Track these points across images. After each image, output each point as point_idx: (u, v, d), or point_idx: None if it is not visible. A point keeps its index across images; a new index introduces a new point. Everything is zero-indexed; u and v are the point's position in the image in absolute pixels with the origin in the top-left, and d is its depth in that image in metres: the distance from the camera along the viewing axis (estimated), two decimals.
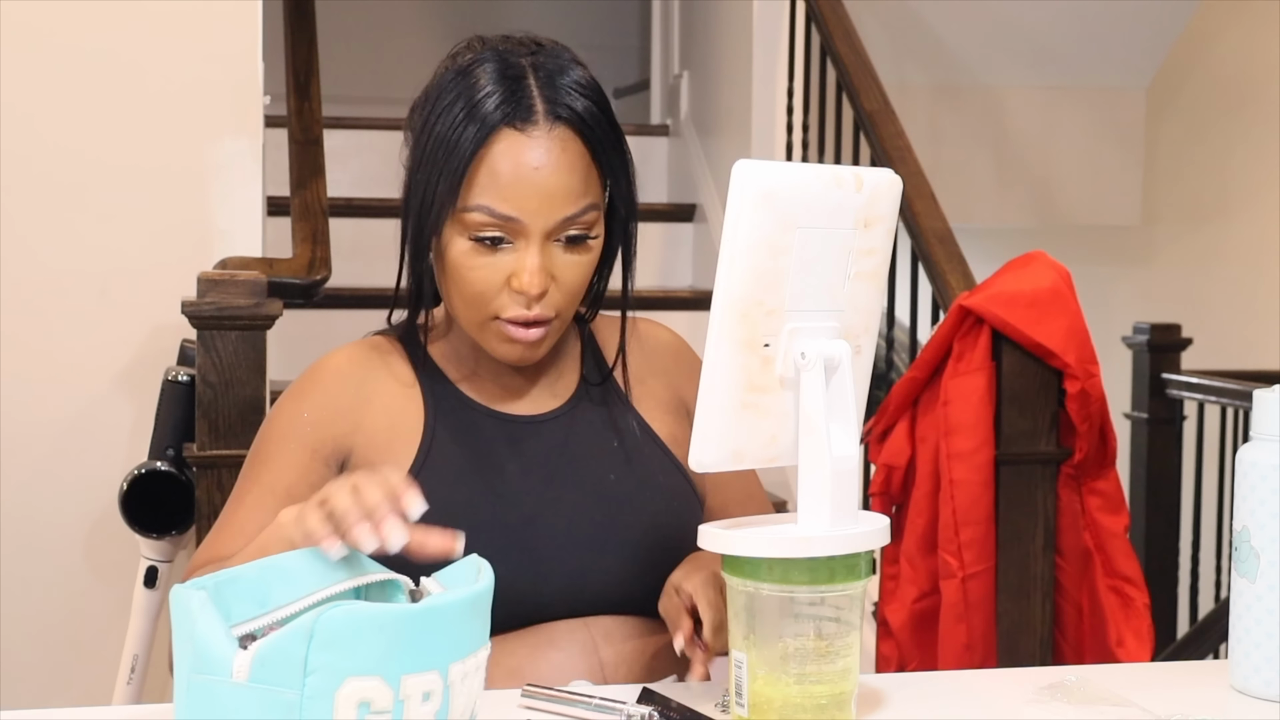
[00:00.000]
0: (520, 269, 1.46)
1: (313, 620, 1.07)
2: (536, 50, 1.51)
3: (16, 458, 2.83)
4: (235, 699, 1.08)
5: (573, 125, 1.47)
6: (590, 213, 1.49)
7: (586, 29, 6.27)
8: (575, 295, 1.51)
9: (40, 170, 2.85)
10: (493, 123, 1.44)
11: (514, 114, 1.45)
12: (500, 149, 1.44)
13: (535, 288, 1.45)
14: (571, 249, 1.48)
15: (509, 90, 1.46)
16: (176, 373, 2.51)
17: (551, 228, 1.46)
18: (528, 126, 1.45)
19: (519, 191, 1.44)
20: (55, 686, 2.85)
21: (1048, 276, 2.46)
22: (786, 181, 1.21)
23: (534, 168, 1.44)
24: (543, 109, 1.46)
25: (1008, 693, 1.39)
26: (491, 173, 1.44)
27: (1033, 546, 2.52)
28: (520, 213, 1.44)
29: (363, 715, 1.08)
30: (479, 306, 1.48)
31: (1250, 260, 5.25)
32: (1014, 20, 4.80)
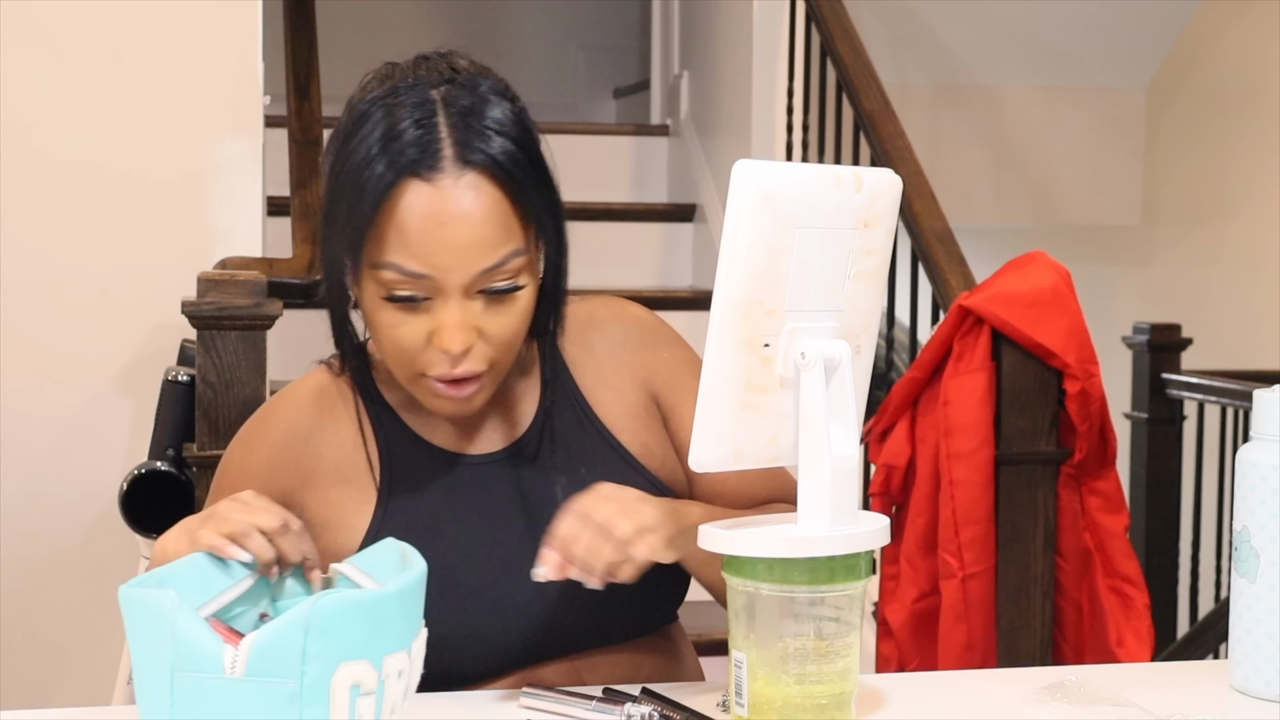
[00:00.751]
0: (439, 327, 1.35)
1: (308, 610, 1.09)
2: (451, 79, 1.37)
3: (16, 457, 2.83)
4: (231, 694, 1.08)
5: (485, 169, 1.33)
6: (513, 260, 1.35)
7: (586, 29, 6.28)
8: (509, 345, 1.40)
9: (40, 170, 2.85)
10: (395, 173, 1.31)
11: (419, 161, 1.31)
12: (406, 202, 1.31)
13: (457, 346, 1.35)
14: (497, 301, 1.36)
15: (415, 133, 1.32)
16: (176, 373, 2.51)
17: (469, 282, 1.34)
18: (434, 175, 1.32)
19: (428, 248, 1.31)
20: (55, 686, 2.85)
21: (1048, 276, 2.46)
22: (786, 181, 1.21)
23: (441, 223, 1.31)
24: (451, 154, 1.32)
25: (1008, 693, 1.39)
26: (399, 228, 1.32)
27: (1033, 546, 2.52)
28: (432, 270, 1.32)
29: (354, 698, 1.11)
30: (404, 364, 1.39)
31: (1250, 260, 5.25)
32: (1014, 20, 4.80)
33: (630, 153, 4.98)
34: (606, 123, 5.83)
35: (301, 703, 1.08)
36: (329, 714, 1.09)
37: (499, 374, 1.42)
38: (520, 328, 1.40)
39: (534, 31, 6.20)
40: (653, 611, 1.51)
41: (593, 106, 6.21)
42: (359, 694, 1.11)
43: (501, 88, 1.40)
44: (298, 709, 1.08)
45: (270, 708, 1.08)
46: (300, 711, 1.08)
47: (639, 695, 1.33)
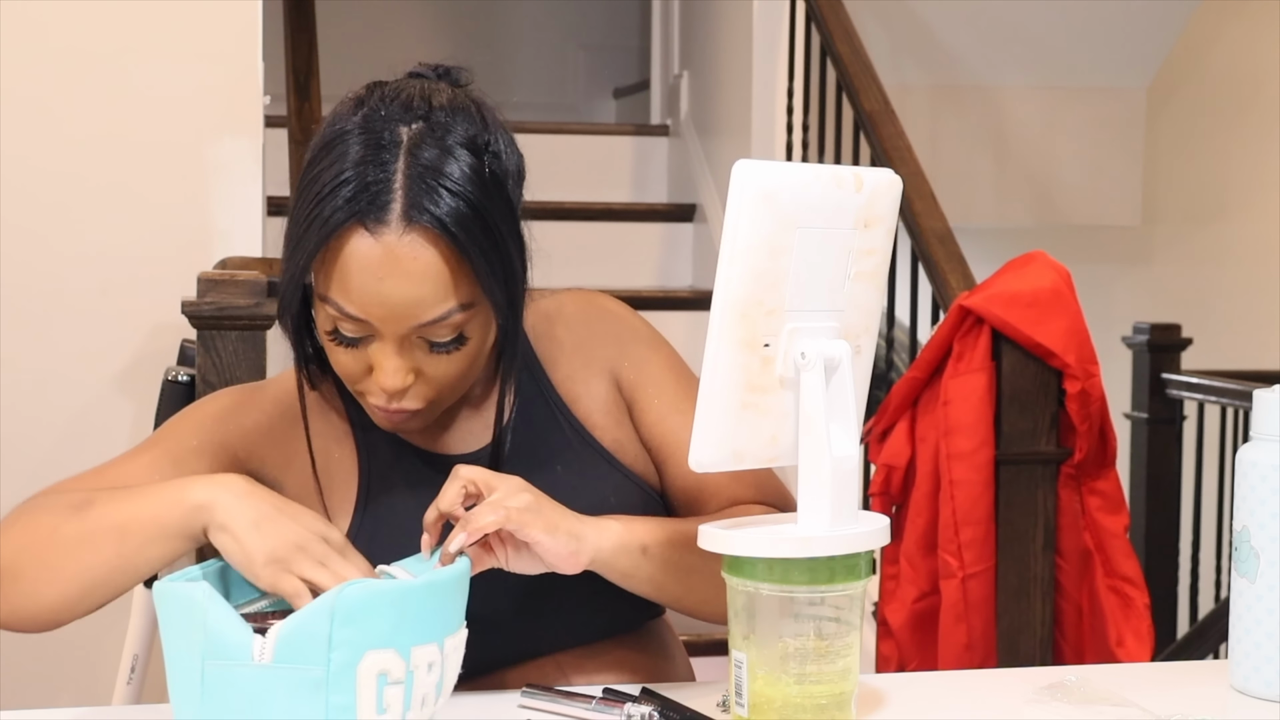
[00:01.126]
0: (377, 366, 1.35)
1: (334, 598, 1.11)
2: (426, 116, 1.34)
3: (16, 458, 2.83)
4: (259, 681, 1.11)
5: (430, 230, 1.30)
6: (454, 316, 1.33)
7: (586, 29, 6.28)
8: (452, 387, 1.39)
9: (40, 170, 2.85)
10: (342, 218, 1.30)
11: (367, 211, 1.30)
12: (349, 249, 1.31)
13: (393, 386, 1.35)
14: (439, 350, 1.36)
15: (371, 178, 1.30)
16: (176, 373, 2.51)
17: (405, 334, 1.34)
18: (379, 228, 1.30)
19: (364, 299, 1.31)
20: (55, 686, 2.85)
21: (1048, 276, 2.46)
22: (786, 181, 1.21)
23: (379, 277, 1.30)
24: (399, 209, 1.30)
25: (1008, 693, 1.39)
26: (340, 272, 1.32)
27: (1033, 546, 2.52)
28: (369, 318, 1.32)
29: (382, 686, 1.13)
30: (349, 384, 1.40)
31: (1250, 260, 5.25)
32: (1014, 20, 4.80)
33: (630, 153, 4.98)
34: (606, 123, 5.83)
35: (328, 689, 1.11)
36: (355, 701, 1.11)
37: (443, 405, 1.42)
38: (464, 374, 1.39)
39: (534, 31, 6.20)
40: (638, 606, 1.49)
41: (593, 106, 6.21)
42: (386, 683, 1.13)
43: (477, 132, 1.36)
44: (324, 695, 1.10)
45: (297, 694, 1.10)
46: (326, 698, 1.11)
47: (639, 695, 1.33)
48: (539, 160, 4.49)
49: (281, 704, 1.11)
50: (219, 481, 1.27)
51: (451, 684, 1.22)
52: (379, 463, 1.48)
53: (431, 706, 1.19)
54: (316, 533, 1.25)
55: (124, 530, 1.28)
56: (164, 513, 1.27)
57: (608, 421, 1.52)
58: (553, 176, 4.69)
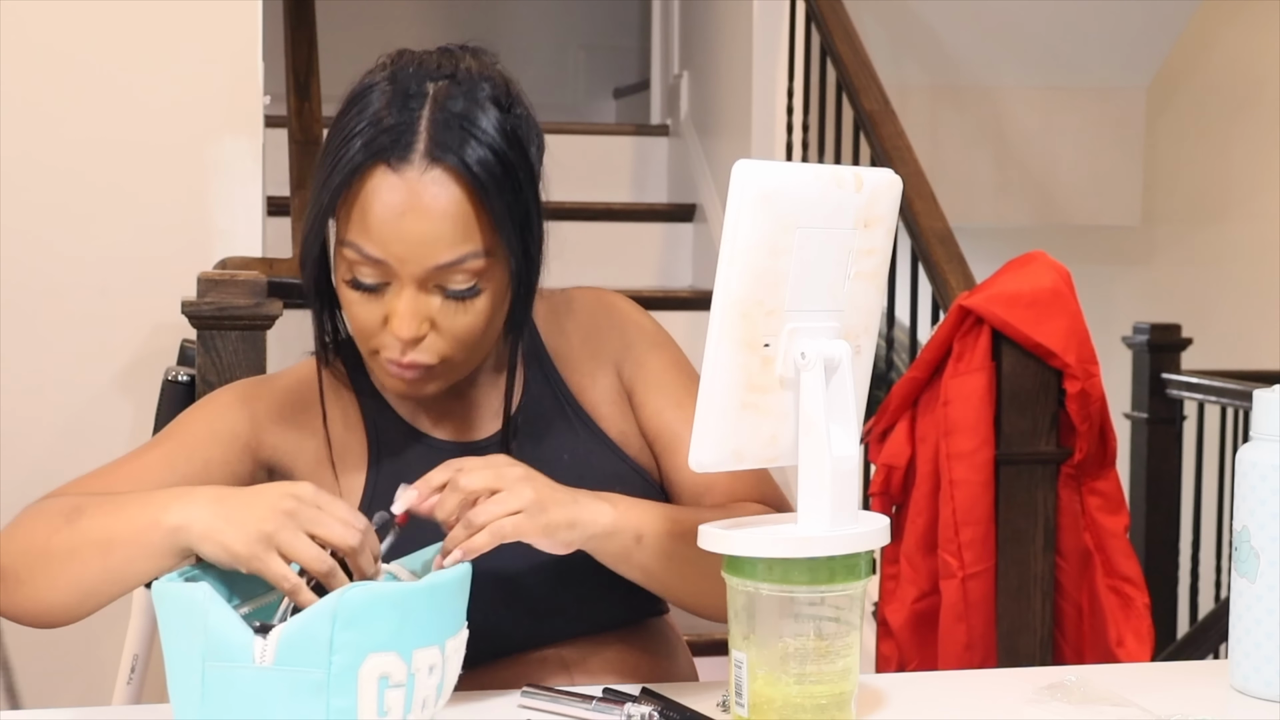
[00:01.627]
0: (393, 313, 1.37)
1: (335, 601, 1.11)
2: (452, 75, 1.37)
3: (16, 458, 2.83)
4: (260, 683, 1.11)
5: (452, 169, 1.33)
6: (471, 261, 1.35)
7: (586, 29, 6.28)
8: (466, 343, 1.40)
9: (40, 170, 2.85)
10: (366, 157, 1.33)
11: (390, 149, 1.33)
12: (370, 186, 1.34)
13: (406, 333, 1.36)
14: (455, 300, 1.37)
15: (396, 121, 1.34)
16: (176, 373, 2.51)
17: (423, 276, 1.35)
18: (402, 165, 1.33)
19: (384, 237, 1.33)
20: (55, 686, 2.85)
21: (1048, 276, 2.46)
22: (786, 181, 1.21)
23: (400, 213, 1.33)
24: (422, 147, 1.33)
25: (1008, 693, 1.39)
26: (361, 210, 1.34)
27: (1033, 546, 2.52)
28: (388, 257, 1.34)
29: (383, 689, 1.13)
30: (363, 340, 1.41)
31: (1250, 260, 5.25)
32: (1014, 20, 4.80)
33: (630, 153, 4.98)
34: (606, 123, 5.83)
35: (329, 692, 1.11)
36: (357, 704, 1.11)
37: (455, 368, 1.42)
38: (478, 330, 1.40)
39: (534, 31, 6.20)
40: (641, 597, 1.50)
41: (593, 106, 6.21)
42: (388, 685, 1.13)
43: (501, 95, 1.38)
44: (325, 698, 1.10)
45: (298, 697, 1.10)
46: (328, 701, 1.11)
47: (639, 695, 1.33)
48: None
49: (282, 706, 1.11)
50: (189, 498, 1.26)
51: (452, 685, 1.22)
52: (389, 449, 1.49)
53: (432, 708, 1.19)
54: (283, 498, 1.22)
55: (108, 546, 1.28)
56: (144, 533, 1.26)
57: (613, 413, 1.53)
58: (552, 176, 4.67)
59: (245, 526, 1.21)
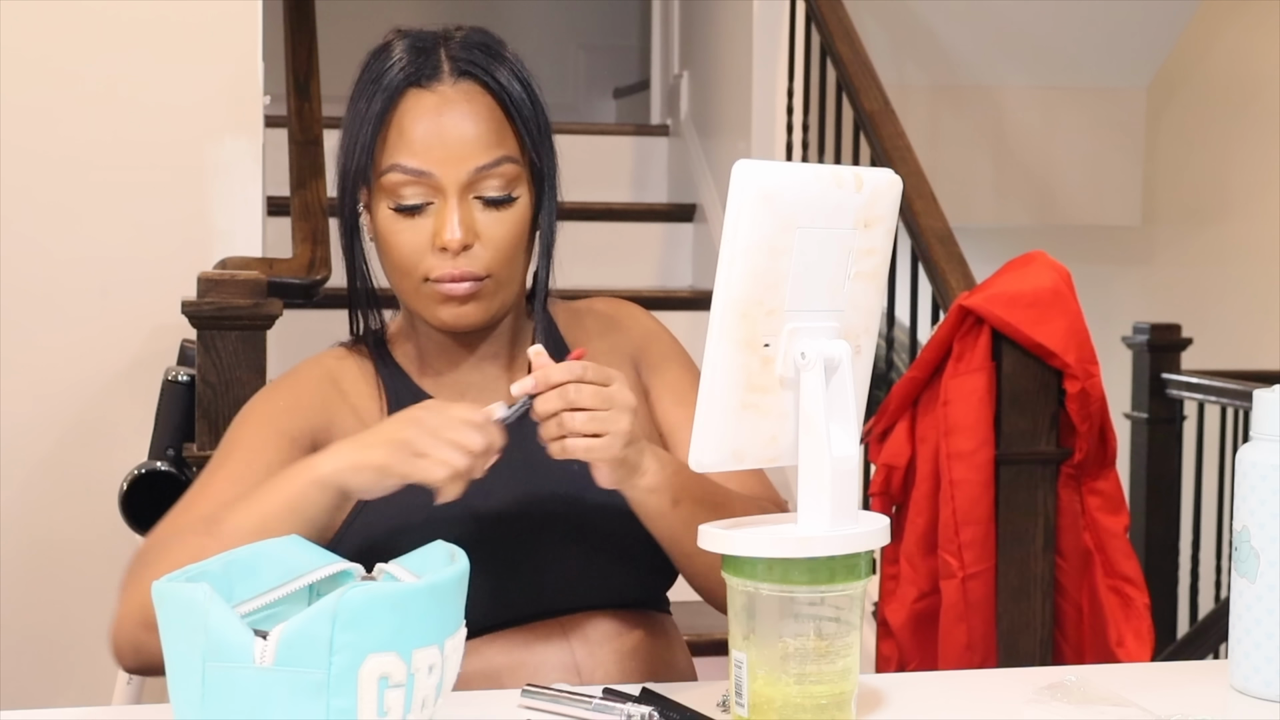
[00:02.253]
0: (440, 225, 1.46)
1: (335, 601, 1.12)
2: (460, 29, 1.52)
3: (16, 458, 2.83)
4: (260, 683, 1.11)
5: (479, 80, 1.47)
6: (505, 165, 1.47)
7: (586, 29, 6.28)
8: (507, 255, 1.49)
9: (41, 170, 2.85)
10: (397, 84, 1.46)
11: (418, 74, 1.46)
12: (406, 107, 1.46)
13: (455, 237, 1.45)
14: (493, 208, 1.47)
15: (417, 55, 1.48)
16: (176, 373, 2.51)
17: (465, 179, 1.45)
18: (432, 83, 1.46)
19: (426, 144, 1.45)
20: (55, 686, 2.85)
21: (1048, 276, 2.46)
22: (786, 181, 1.21)
23: (438, 117, 1.45)
24: (448, 67, 1.47)
25: (1008, 693, 1.39)
26: (400, 131, 1.46)
27: (1033, 546, 2.52)
28: (430, 164, 1.45)
29: (383, 690, 1.13)
30: (409, 272, 1.49)
31: (1250, 260, 5.25)
32: (1014, 20, 4.80)
33: (630, 153, 4.98)
34: (606, 123, 5.83)
35: (329, 693, 1.11)
36: (356, 704, 1.11)
37: (498, 289, 1.49)
38: (517, 238, 1.49)
39: (534, 31, 6.20)
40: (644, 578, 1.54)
41: (593, 106, 6.21)
42: (387, 686, 1.13)
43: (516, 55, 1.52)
44: (325, 699, 1.11)
45: (298, 697, 1.10)
46: (328, 701, 1.11)
47: (639, 695, 1.33)
48: None
49: (282, 706, 1.11)
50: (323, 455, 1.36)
51: (451, 684, 1.22)
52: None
53: (431, 708, 1.19)
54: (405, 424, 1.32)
55: (264, 528, 1.34)
56: (299, 498, 1.35)
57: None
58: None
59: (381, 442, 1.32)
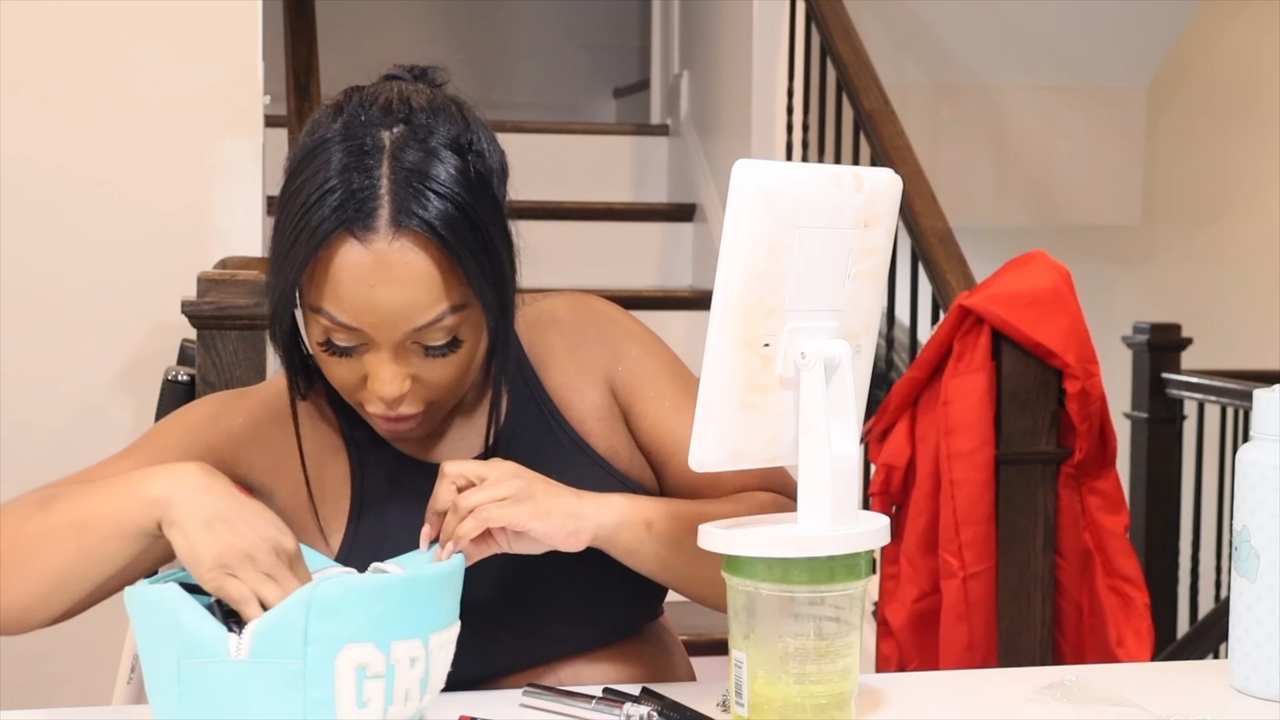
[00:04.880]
0: (372, 375, 1.35)
1: (310, 592, 1.10)
2: (407, 119, 1.34)
3: (16, 458, 2.83)
4: (236, 677, 1.11)
5: (419, 233, 1.30)
6: (447, 319, 1.33)
7: (586, 29, 6.27)
8: (449, 390, 1.39)
9: (40, 170, 2.85)
10: (329, 228, 1.30)
11: (354, 219, 1.29)
12: (339, 258, 1.30)
13: (390, 394, 1.34)
14: (434, 354, 1.35)
15: (356, 185, 1.30)
16: (176, 373, 2.51)
17: (399, 340, 1.33)
18: (368, 235, 1.29)
19: (357, 306, 1.31)
20: (55, 686, 2.85)
21: (1048, 276, 2.46)
22: (786, 181, 1.21)
23: (370, 285, 1.30)
24: (387, 215, 1.30)
25: (1008, 693, 1.39)
26: (331, 281, 1.31)
27: (1033, 546, 2.52)
28: (362, 325, 1.32)
29: (361, 679, 1.13)
30: (346, 395, 1.40)
31: (1250, 260, 5.25)
32: (1014, 20, 4.80)
33: (630, 153, 4.98)
34: (606, 123, 5.83)
35: (305, 683, 1.10)
36: (334, 695, 1.11)
37: (441, 409, 1.42)
38: (461, 376, 1.39)
39: (534, 31, 6.20)
40: (635, 612, 1.50)
41: (593, 106, 6.21)
42: (366, 676, 1.12)
43: (459, 133, 1.35)
44: (302, 689, 1.10)
45: (275, 689, 1.10)
46: (304, 692, 1.10)
47: (639, 695, 1.33)
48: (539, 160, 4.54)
49: (260, 699, 1.11)
50: (178, 474, 1.24)
51: (441, 680, 1.21)
52: (372, 474, 1.47)
53: (417, 702, 1.18)
54: (269, 540, 1.21)
55: (82, 526, 1.26)
56: (121, 509, 1.24)
57: (602, 429, 1.50)
58: (553, 176, 4.69)
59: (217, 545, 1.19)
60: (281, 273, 1.34)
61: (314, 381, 1.47)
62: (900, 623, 2.51)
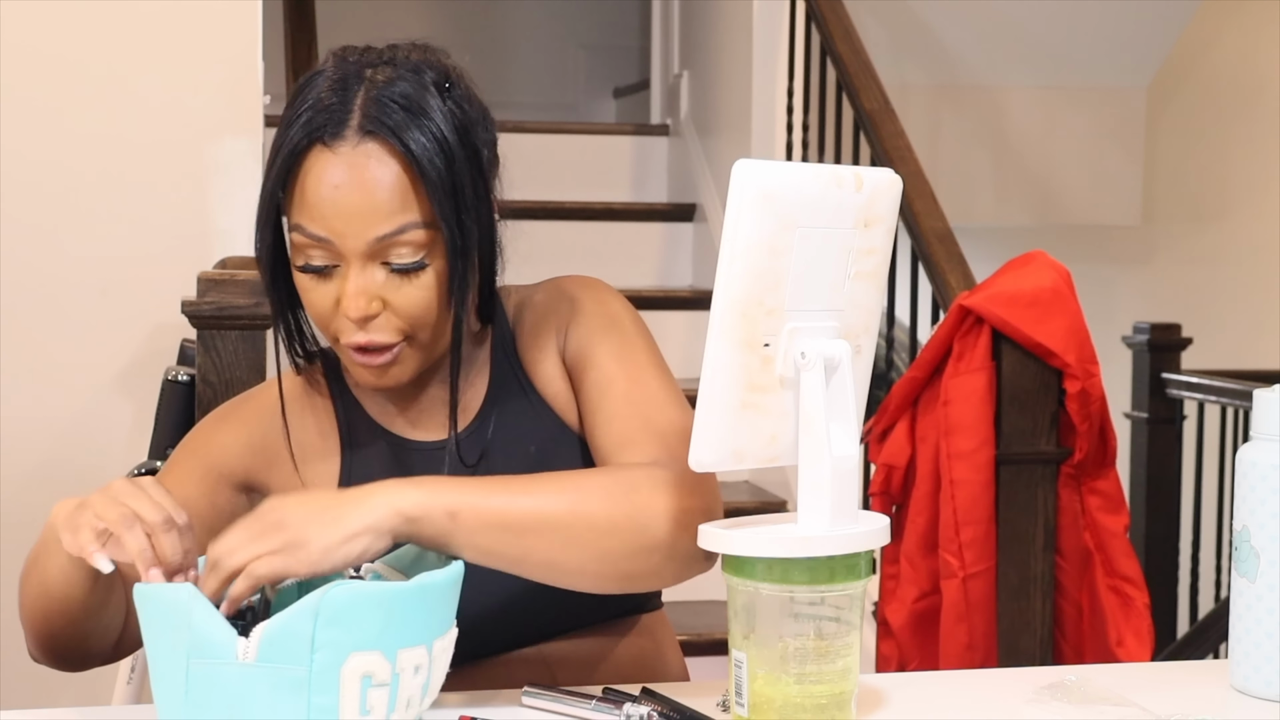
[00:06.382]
0: (342, 293, 1.37)
1: (318, 599, 1.11)
2: (391, 60, 1.40)
3: (16, 458, 2.83)
4: (242, 680, 1.11)
5: (385, 140, 1.35)
6: (411, 232, 1.35)
7: (586, 29, 6.27)
8: (422, 319, 1.39)
9: (40, 170, 2.85)
10: (302, 139, 1.36)
11: (324, 129, 1.35)
12: (308, 166, 1.36)
13: (354, 312, 1.36)
14: (402, 274, 1.37)
15: (331, 103, 1.36)
16: (176, 373, 2.51)
17: (365, 249, 1.35)
18: (335, 142, 1.35)
19: (322, 211, 1.35)
20: (55, 686, 2.85)
21: (1048, 276, 2.46)
22: (786, 181, 1.21)
23: (334, 185, 1.34)
24: (355, 122, 1.35)
25: (1008, 693, 1.39)
26: (302, 191, 1.36)
27: (1033, 546, 2.52)
28: (328, 232, 1.35)
29: (366, 688, 1.13)
30: (324, 329, 1.42)
31: (1250, 260, 5.25)
32: (1014, 20, 4.81)
33: (630, 153, 4.98)
34: (606, 123, 5.83)
35: (310, 689, 1.11)
36: (339, 702, 1.11)
37: (420, 349, 1.41)
38: (430, 304, 1.39)
39: (534, 31, 6.20)
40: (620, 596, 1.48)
41: (593, 106, 6.21)
42: (371, 684, 1.13)
43: (440, 79, 1.39)
44: (306, 696, 1.11)
45: (279, 694, 1.11)
46: (309, 698, 1.11)
47: (639, 695, 1.33)
48: (539, 160, 4.54)
49: (264, 703, 1.11)
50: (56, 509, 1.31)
51: (439, 684, 1.22)
52: (359, 449, 1.50)
53: (417, 707, 1.18)
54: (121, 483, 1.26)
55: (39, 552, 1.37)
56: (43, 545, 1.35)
57: (569, 405, 1.51)
58: (553, 176, 4.69)
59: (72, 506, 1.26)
60: (262, 189, 1.39)
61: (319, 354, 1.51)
62: (900, 623, 2.51)
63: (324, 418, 1.52)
